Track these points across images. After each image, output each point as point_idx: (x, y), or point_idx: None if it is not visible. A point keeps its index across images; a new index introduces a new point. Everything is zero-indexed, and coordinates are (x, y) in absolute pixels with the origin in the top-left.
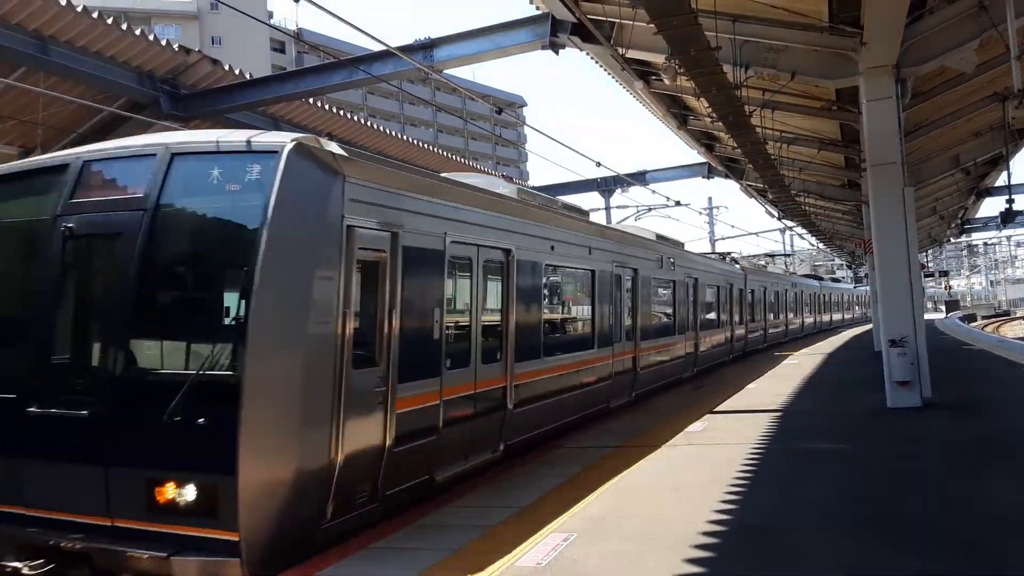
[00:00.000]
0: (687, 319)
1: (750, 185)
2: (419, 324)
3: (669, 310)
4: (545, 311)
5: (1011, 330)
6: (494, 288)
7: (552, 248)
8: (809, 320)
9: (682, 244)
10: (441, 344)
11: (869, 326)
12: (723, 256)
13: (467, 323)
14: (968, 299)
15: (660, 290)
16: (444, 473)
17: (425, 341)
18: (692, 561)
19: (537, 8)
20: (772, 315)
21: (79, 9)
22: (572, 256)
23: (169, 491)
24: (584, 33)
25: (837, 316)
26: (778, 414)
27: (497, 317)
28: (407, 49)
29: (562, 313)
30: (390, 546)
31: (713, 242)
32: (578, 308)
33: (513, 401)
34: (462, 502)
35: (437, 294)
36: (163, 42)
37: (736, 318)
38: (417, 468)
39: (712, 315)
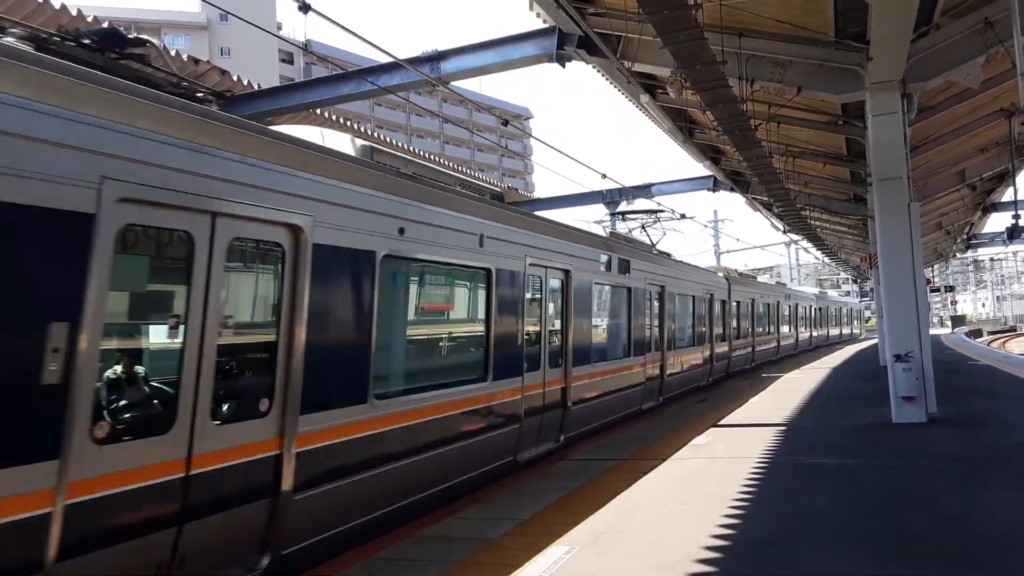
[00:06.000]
0: None
1: (755, 198)
2: (679, 326)
3: None
4: (671, 321)
5: (1017, 346)
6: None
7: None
8: (721, 351)
9: None
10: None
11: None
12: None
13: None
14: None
15: None
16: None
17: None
18: None
19: (544, 22)
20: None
21: (90, 19)
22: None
23: None
24: (591, 46)
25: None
26: (782, 428)
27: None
28: (415, 61)
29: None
30: (394, 557)
31: (718, 255)
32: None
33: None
34: (465, 513)
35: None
36: (173, 52)
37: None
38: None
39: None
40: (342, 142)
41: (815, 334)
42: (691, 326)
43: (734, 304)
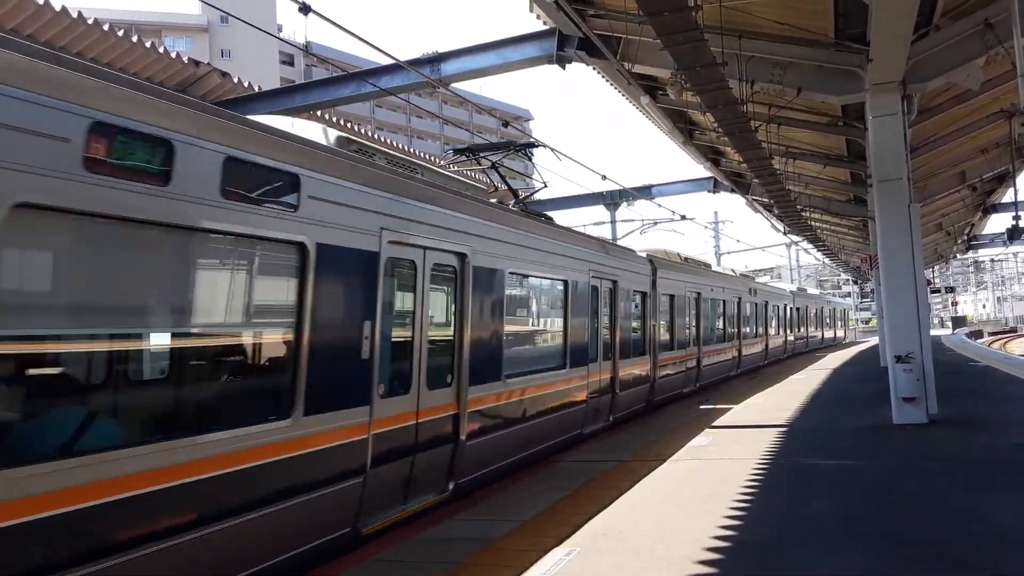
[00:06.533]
0: None
1: (756, 200)
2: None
3: None
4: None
5: (1018, 347)
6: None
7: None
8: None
9: None
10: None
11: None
12: None
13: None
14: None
15: None
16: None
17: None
18: None
19: (544, 24)
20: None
21: (90, 22)
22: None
23: None
24: (591, 48)
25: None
26: (783, 429)
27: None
28: (415, 63)
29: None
30: (394, 558)
31: (719, 257)
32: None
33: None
34: (465, 515)
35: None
36: (173, 55)
37: None
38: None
39: None
40: None
41: (792, 339)
42: (563, 335)
43: (663, 299)
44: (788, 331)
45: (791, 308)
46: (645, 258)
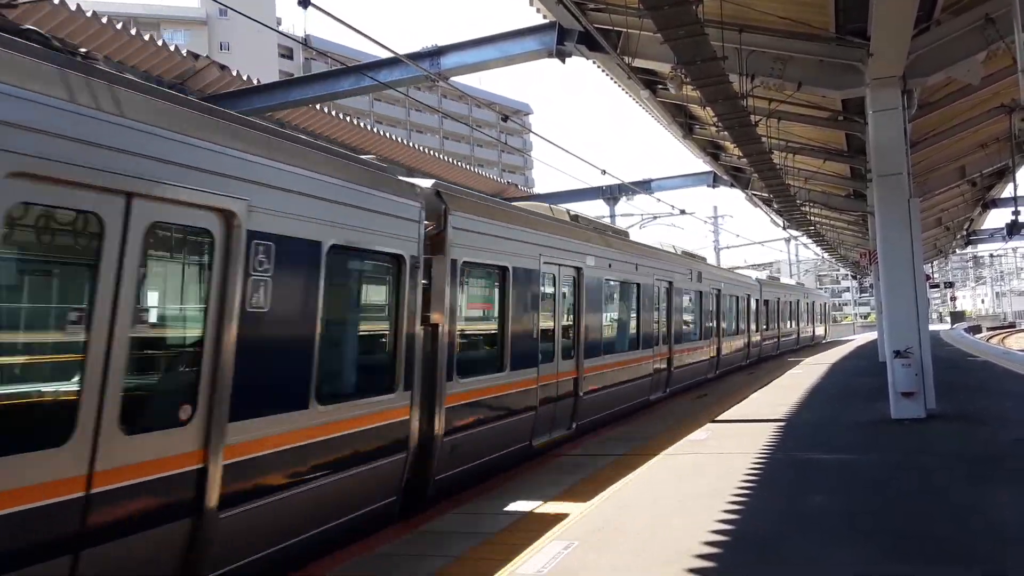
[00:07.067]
0: None
1: (755, 194)
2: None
3: None
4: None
5: (1017, 342)
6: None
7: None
8: None
9: None
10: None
11: None
12: None
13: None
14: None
15: None
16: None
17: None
18: (693, 571)
19: (544, 17)
20: None
21: (88, 15)
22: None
23: None
24: (591, 42)
25: None
26: (781, 424)
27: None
28: (415, 56)
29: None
30: (393, 552)
31: (718, 251)
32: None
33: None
34: (465, 508)
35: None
36: (171, 48)
37: None
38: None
39: None
40: None
41: (758, 339)
42: None
43: (473, 275)
44: (752, 330)
45: (757, 300)
46: (412, 187)
